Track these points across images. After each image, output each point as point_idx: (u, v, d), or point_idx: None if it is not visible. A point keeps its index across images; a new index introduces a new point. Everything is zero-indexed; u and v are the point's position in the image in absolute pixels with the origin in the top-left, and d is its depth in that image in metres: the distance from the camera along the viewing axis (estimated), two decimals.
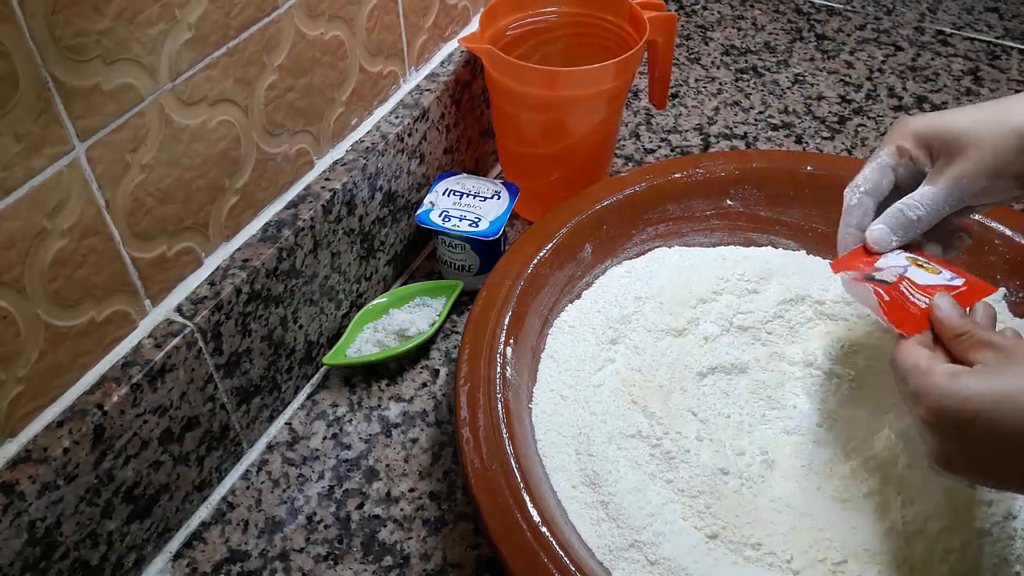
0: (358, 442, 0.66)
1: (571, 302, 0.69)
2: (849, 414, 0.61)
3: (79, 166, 0.46)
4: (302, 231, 0.63)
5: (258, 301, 0.60)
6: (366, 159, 0.68)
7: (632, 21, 0.77)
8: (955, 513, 0.54)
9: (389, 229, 0.74)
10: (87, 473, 0.50)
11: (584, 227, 0.70)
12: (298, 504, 0.62)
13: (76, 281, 0.48)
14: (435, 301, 0.74)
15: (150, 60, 0.48)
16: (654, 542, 0.53)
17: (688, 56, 1.07)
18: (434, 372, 0.71)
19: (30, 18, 0.41)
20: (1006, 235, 0.68)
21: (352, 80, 0.67)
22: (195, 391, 0.57)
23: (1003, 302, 0.68)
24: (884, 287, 0.52)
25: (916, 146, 0.55)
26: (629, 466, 0.58)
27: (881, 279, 0.53)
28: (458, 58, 0.78)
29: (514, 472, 0.53)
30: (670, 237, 0.74)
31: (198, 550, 0.59)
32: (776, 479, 0.58)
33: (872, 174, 0.56)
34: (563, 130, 0.76)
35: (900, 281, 0.52)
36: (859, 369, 0.63)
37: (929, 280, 0.52)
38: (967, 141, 0.51)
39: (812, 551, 0.54)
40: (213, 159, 0.55)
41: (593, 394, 0.62)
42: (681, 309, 0.66)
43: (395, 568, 0.58)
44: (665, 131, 0.95)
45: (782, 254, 0.72)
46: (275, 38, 0.57)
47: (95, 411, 0.50)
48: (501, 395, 0.57)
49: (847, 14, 1.15)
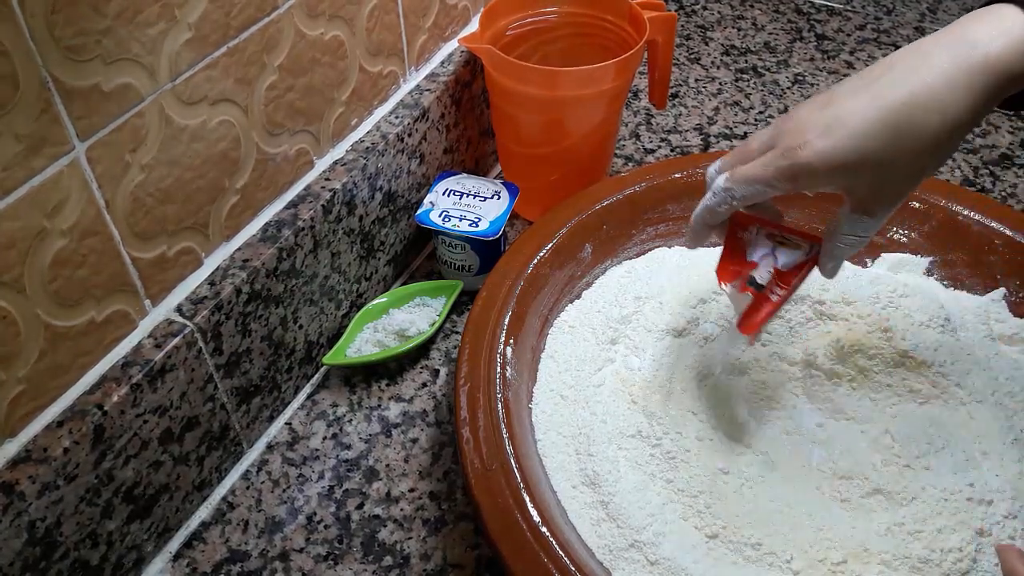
0: (358, 442, 0.66)
1: (571, 302, 0.69)
2: (849, 414, 0.61)
3: (79, 166, 0.46)
4: (302, 231, 0.63)
5: (258, 301, 0.60)
6: (366, 159, 0.68)
7: (632, 21, 0.77)
8: (955, 513, 0.54)
9: (389, 229, 0.74)
10: (87, 473, 0.50)
11: (584, 227, 0.70)
12: (298, 504, 0.62)
13: (76, 281, 0.48)
14: (435, 301, 0.74)
15: (150, 60, 0.48)
16: (654, 542, 0.53)
17: (688, 56, 1.07)
18: (434, 372, 0.71)
19: (30, 18, 0.41)
20: (1006, 235, 0.68)
21: (352, 80, 0.67)
22: (195, 391, 0.57)
23: (1003, 302, 0.68)
24: (757, 295, 0.55)
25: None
26: (629, 466, 0.58)
27: (759, 283, 0.55)
28: (458, 58, 0.78)
29: (514, 472, 0.53)
30: (670, 237, 0.74)
31: (198, 550, 0.59)
32: (776, 479, 0.58)
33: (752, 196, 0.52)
34: (563, 130, 0.76)
35: (773, 280, 0.55)
36: (859, 369, 0.63)
37: (791, 259, 0.55)
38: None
39: (812, 551, 0.54)
40: (213, 159, 0.55)
41: (593, 394, 0.62)
42: (681, 309, 0.66)
43: (395, 568, 0.58)
44: (665, 131, 0.95)
45: None
46: (275, 38, 0.57)
47: (95, 411, 0.50)
48: (501, 395, 0.57)
49: (847, 14, 1.15)
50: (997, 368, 0.62)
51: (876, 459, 0.58)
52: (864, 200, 0.49)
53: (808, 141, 0.47)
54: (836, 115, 0.47)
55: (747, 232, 0.56)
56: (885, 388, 0.62)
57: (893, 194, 0.49)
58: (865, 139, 0.46)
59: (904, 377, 0.62)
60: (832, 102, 0.48)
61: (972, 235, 0.69)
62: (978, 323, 0.66)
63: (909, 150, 0.46)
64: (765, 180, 0.49)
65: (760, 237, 0.56)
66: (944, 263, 0.71)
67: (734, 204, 0.52)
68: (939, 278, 0.71)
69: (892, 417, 0.61)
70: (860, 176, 0.47)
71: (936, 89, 0.45)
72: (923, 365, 0.62)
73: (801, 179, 0.48)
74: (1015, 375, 0.62)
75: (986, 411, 0.60)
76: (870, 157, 0.46)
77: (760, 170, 0.50)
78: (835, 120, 0.47)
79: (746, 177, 0.50)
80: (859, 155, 0.46)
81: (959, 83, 0.45)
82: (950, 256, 0.70)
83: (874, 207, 0.49)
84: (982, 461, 0.57)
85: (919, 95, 0.45)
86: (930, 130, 0.45)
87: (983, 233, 0.69)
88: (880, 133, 0.46)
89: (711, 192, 0.53)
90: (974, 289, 0.69)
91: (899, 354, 0.62)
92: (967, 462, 0.57)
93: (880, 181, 0.48)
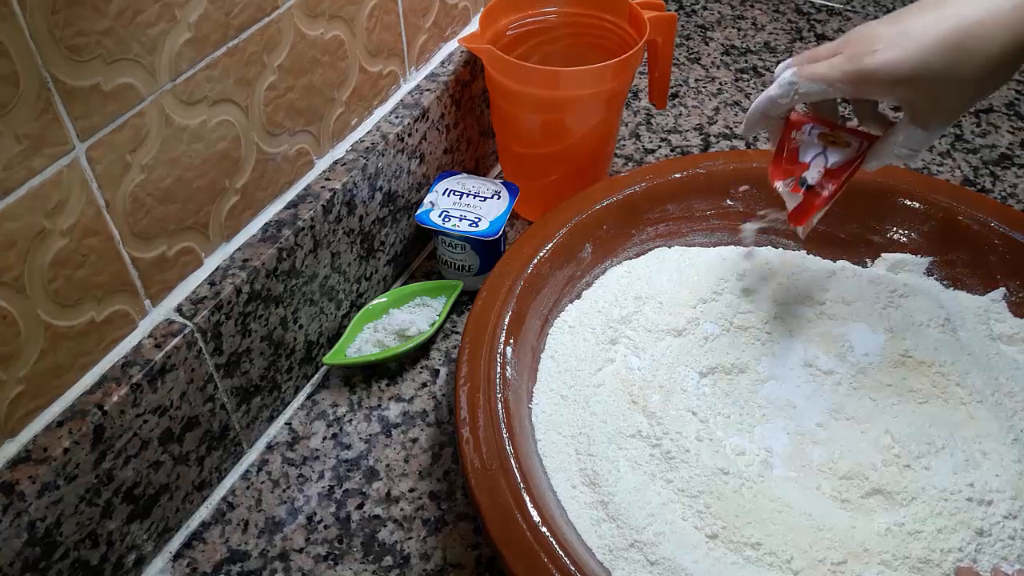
0: (358, 442, 0.66)
1: (571, 302, 0.69)
2: (849, 414, 0.61)
3: (79, 166, 0.46)
4: (302, 231, 0.63)
5: (258, 301, 0.60)
6: (366, 159, 0.68)
7: (632, 21, 0.77)
8: (955, 513, 0.54)
9: (389, 229, 0.74)
10: (87, 473, 0.50)
11: (584, 227, 0.70)
12: (298, 504, 0.62)
13: (76, 281, 0.48)
14: (435, 301, 0.74)
15: (150, 60, 0.48)
16: (654, 542, 0.53)
17: (688, 56, 1.07)
18: (434, 372, 0.71)
19: (30, 18, 0.41)
20: (1006, 235, 0.68)
21: (352, 80, 0.67)
22: (195, 391, 0.57)
23: (1003, 302, 0.68)
24: (808, 194, 0.57)
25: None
26: (629, 466, 0.58)
27: (811, 183, 0.57)
28: (458, 58, 0.78)
29: (514, 472, 0.53)
30: (670, 237, 0.74)
31: (198, 550, 0.59)
32: (776, 479, 0.58)
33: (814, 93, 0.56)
34: (563, 130, 0.76)
35: (823, 178, 0.57)
36: (859, 369, 0.63)
37: (841, 157, 0.58)
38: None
39: (812, 551, 0.54)
40: (213, 159, 0.55)
41: (593, 394, 0.62)
42: (681, 309, 0.66)
43: (395, 568, 0.58)
44: (665, 131, 0.95)
45: (782, 254, 0.72)
46: (275, 38, 0.57)
47: (95, 411, 0.50)
48: (501, 395, 0.57)
49: (847, 14, 1.15)
50: (997, 368, 0.62)
51: (876, 459, 0.58)
52: (922, 112, 0.52)
53: (876, 50, 0.50)
54: (904, 29, 0.50)
55: (800, 132, 0.59)
56: (885, 388, 0.62)
57: (949, 110, 0.52)
58: (930, 53, 0.49)
59: (904, 377, 0.62)
60: (902, 18, 0.51)
61: (972, 235, 0.69)
62: (978, 323, 0.66)
63: (970, 68, 0.49)
64: (830, 80, 0.52)
65: (812, 138, 0.58)
66: (944, 263, 0.71)
67: (795, 98, 0.55)
68: (939, 278, 0.71)
69: (892, 417, 0.61)
70: (920, 89, 0.50)
71: (1003, 11, 0.48)
72: (923, 365, 0.62)
73: (864, 84, 0.51)
74: (1015, 375, 0.62)
75: (986, 411, 0.60)
76: (932, 71, 0.49)
77: (826, 70, 0.52)
78: (903, 34, 0.49)
79: (812, 75, 0.53)
80: (922, 68, 0.49)
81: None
82: (950, 256, 0.70)
83: (930, 121, 0.52)
84: (982, 461, 0.57)
85: (986, 18, 0.48)
86: (992, 52, 0.48)
87: (983, 233, 0.69)
88: (944, 50, 0.48)
89: (776, 83, 0.55)
90: (974, 289, 0.69)
91: (899, 354, 0.62)
92: (967, 462, 0.57)
93: (938, 96, 0.51)
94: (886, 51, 0.50)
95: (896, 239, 0.72)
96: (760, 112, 0.58)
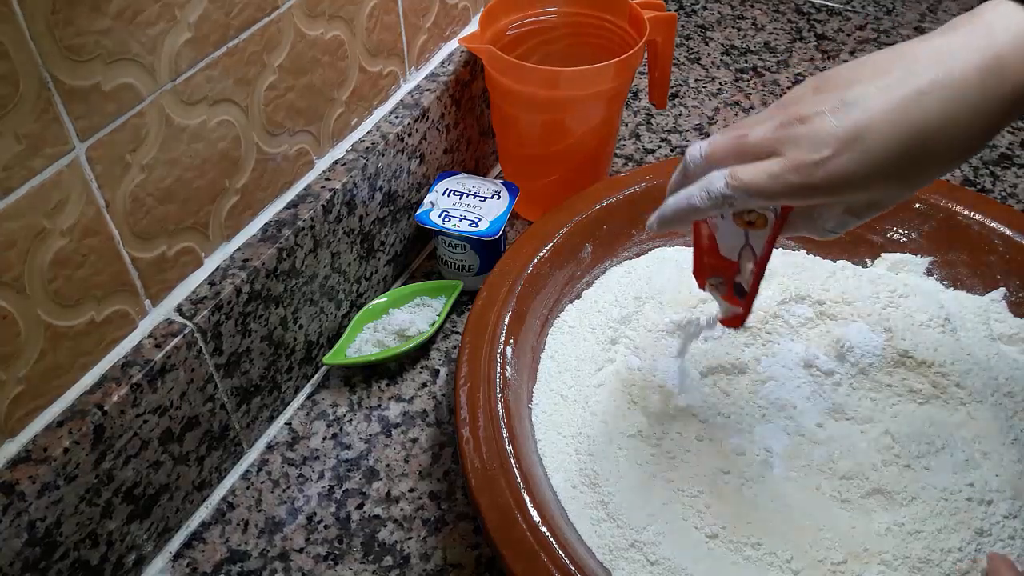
0: (358, 442, 0.66)
1: (571, 302, 0.69)
2: (849, 414, 0.61)
3: (79, 166, 0.46)
4: (302, 231, 0.63)
5: (258, 301, 0.60)
6: (366, 159, 0.68)
7: (632, 21, 0.77)
8: (955, 513, 0.54)
9: (389, 229, 0.74)
10: (87, 473, 0.50)
11: (584, 227, 0.70)
12: (298, 504, 0.62)
13: (76, 281, 0.48)
14: (435, 301, 0.74)
15: (150, 60, 0.48)
16: (654, 542, 0.53)
17: (688, 56, 1.07)
18: (434, 372, 0.71)
19: (30, 18, 0.41)
20: (1006, 235, 0.68)
21: (352, 80, 0.67)
22: (195, 391, 0.57)
23: (1003, 302, 0.68)
24: (746, 299, 0.52)
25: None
26: (629, 466, 0.58)
27: (745, 288, 0.52)
28: (458, 58, 0.78)
29: (514, 472, 0.53)
30: (670, 237, 0.73)
31: (198, 550, 0.59)
32: (776, 479, 0.58)
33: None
34: (563, 130, 0.76)
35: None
36: (859, 369, 0.63)
37: (763, 239, 0.50)
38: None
39: (812, 551, 0.54)
40: (213, 159, 0.55)
41: (593, 394, 0.62)
42: (681, 309, 0.66)
43: (395, 568, 0.58)
44: (665, 131, 0.95)
45: (782, 254, 0.72)
46: (275, 38, 0.57)
47: (95, 411, 0.50)
48: (501, 395, 0.57)
49: (847, 14, 1.15)
50: (997, 368, 0.62)
51: (876, 459, 0.58)
52: (860, 208, 0.48)
53: (826, 159, 0.42)
54: (856, 128, 0.42)
55: (714, 218, 0.52)
56: (885, 388, 0.62)
57: (892, 204, 0.47)
58: (890, 165, 0.42)
59: (904, 377, 0.62)
60: (852, 92, 0.43)
61: (972, 235, 0.69)
62: (978, 323, 0.66)
63: (930, 169, 0.44)
64: (771, 194, 0.44)
65: (728, 221, 0.51)
66: (944, 263, 0.71)
67: (728, 211, 0.49)
68: (939, 278, 0.71)
69: (892, 417, 0.61)
70: (873, 192, 0.45)
71: (966, 86, 0.41)
72: (923, 365, 0.62)
73: (814, 198, 0.44)
74: (1015, 375, 0.62)
75: (986, 411, 0.60)
76: (890, 179, 0.43)
77: (767, 182, 0.44)
78: (856, 137, 0.42)
79: (750, 187, 0.44)
80: (878, 177, 0.43)
81: (990, 103, 0.42)
82: (950, 256, 0.70)
83: (866, 213, 0.48)
84: (982, 461, 0.57)
85: (949, 117, 0.42)
86: (954, 150, 0.43)
87: (983, 233, 0.69)
88: (906, 156, 0.42)
89: (704, 191, 0.46)
90: (974, 289, 0.69)
91: (899, 354, 0.62)
92: (967, 462, 0.57)
93: (892, 196, 0.46)
94: (837, 159, 0.42)
95: (896, 239, 0.72)
96: (679, 216, 0.49)
